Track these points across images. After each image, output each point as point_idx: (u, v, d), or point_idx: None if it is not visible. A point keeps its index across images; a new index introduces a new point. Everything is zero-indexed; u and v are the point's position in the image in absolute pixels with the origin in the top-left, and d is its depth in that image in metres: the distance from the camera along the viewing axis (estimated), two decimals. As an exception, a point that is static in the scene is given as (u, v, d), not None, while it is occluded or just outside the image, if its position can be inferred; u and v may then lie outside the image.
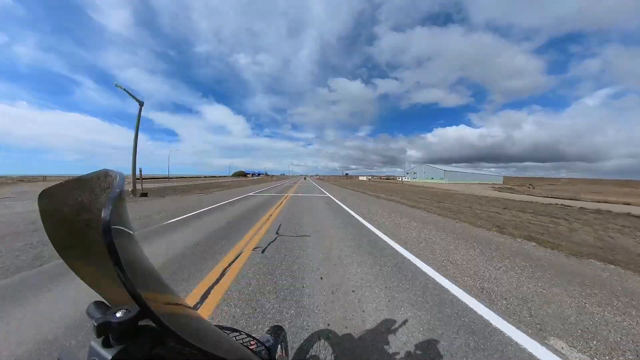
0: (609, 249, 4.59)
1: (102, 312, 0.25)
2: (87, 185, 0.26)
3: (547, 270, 3.40)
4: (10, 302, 2.37)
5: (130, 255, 0.22)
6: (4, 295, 2.50)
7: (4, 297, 2.47)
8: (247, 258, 3.64)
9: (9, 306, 2.29)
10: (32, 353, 1.68)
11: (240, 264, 3.37)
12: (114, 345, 0.22)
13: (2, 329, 1.94)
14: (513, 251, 4.27)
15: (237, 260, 3.54)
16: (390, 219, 7.55)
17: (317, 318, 2.11)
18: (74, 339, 1.82)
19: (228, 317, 2.11)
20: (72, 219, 0.25)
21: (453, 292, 2.63)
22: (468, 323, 2.06)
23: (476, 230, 6.02)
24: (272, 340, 0.81)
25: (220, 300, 2.40)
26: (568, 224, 7.18)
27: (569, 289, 2.79)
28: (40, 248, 4.07)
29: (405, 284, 2.81)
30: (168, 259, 3.59)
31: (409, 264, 3.49)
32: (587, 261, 3.84)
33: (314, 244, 4.49)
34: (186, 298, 2.43)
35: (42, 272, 3.13)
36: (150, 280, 0.25)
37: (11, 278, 2.93)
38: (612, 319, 2.19)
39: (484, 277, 3.10)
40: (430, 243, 4.65)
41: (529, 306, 2.39)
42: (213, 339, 0.34)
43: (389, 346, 1.76)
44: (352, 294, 2.57)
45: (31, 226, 5.71)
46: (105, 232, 0.19)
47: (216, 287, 2.66)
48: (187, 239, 4.71)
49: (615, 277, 3.21)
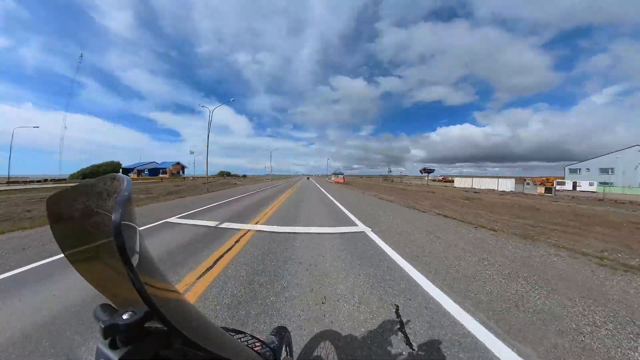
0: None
1: (108, 314, 0.25)
2: (95, 190, 0.27)
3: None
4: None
5: (139, 257, 0.22)
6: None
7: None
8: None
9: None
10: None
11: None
12: (120, 347, 0.22)
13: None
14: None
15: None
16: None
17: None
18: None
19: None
20: (80, 223, 0.26)
21: None
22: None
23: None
24: (276, 342, 0.83)
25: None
26: None
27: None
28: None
29: None
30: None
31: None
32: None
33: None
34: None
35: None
36: (158, 281, 0.25)
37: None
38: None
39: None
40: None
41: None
42: (218, 340, 0.34)
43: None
44: None
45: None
46: (116, 234, 0.19)
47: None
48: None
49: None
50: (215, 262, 3.63)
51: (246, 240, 4.94)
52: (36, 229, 5.86)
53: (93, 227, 0.25)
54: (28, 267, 3.52)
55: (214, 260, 3.70)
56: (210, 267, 3.42)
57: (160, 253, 4.03)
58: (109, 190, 0.26)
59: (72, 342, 1.94)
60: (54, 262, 3.69)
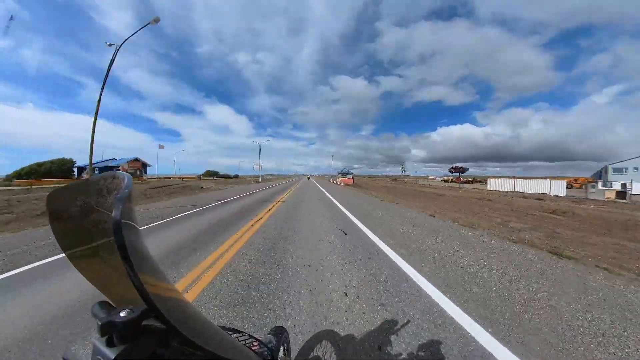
0: None
1: (106, 312, 0.25)
2: (95, 187, 0.27)
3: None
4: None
5: (139, 255, 0.22)
6: None
7: None
8: None
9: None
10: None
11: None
12: (117, 345, 0.22)
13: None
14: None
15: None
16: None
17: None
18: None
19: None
20: (80, 221, 0.26)
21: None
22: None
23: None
24: (274, 341, 0.81)
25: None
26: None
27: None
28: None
29: None
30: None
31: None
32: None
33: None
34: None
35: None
36: (157, 280, 0.25)
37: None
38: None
39: None
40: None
41: None
42: (216, 339, 0.34)
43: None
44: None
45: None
46: (116, 231, 0.19)
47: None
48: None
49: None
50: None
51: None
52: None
53: (93, 225, 0.25)
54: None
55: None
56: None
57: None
58: (109, 187, 0.26)
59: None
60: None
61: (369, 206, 10.88)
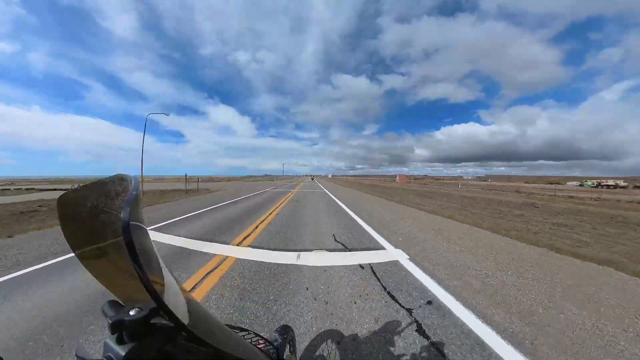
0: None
1: (116, 310, 0.26)
2: (104, 189, 0.28)
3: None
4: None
5: (147, 254, 0.23)
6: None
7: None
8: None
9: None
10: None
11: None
12: (127, 342, 0.23)
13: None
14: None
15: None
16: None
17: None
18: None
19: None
20: (89, 222, 0.28)
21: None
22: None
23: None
24: (280, 340, 0.83)
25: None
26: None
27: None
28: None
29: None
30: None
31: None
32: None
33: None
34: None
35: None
36: (165, 279, 0.26)
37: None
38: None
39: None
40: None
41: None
42: (223, 337, 0.35)
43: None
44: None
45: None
46: (125, 232, 0.20)
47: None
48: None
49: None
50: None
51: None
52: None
53: (102, 226, 0.26)
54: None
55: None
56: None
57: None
58: (117, 190, 0.27)
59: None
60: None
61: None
